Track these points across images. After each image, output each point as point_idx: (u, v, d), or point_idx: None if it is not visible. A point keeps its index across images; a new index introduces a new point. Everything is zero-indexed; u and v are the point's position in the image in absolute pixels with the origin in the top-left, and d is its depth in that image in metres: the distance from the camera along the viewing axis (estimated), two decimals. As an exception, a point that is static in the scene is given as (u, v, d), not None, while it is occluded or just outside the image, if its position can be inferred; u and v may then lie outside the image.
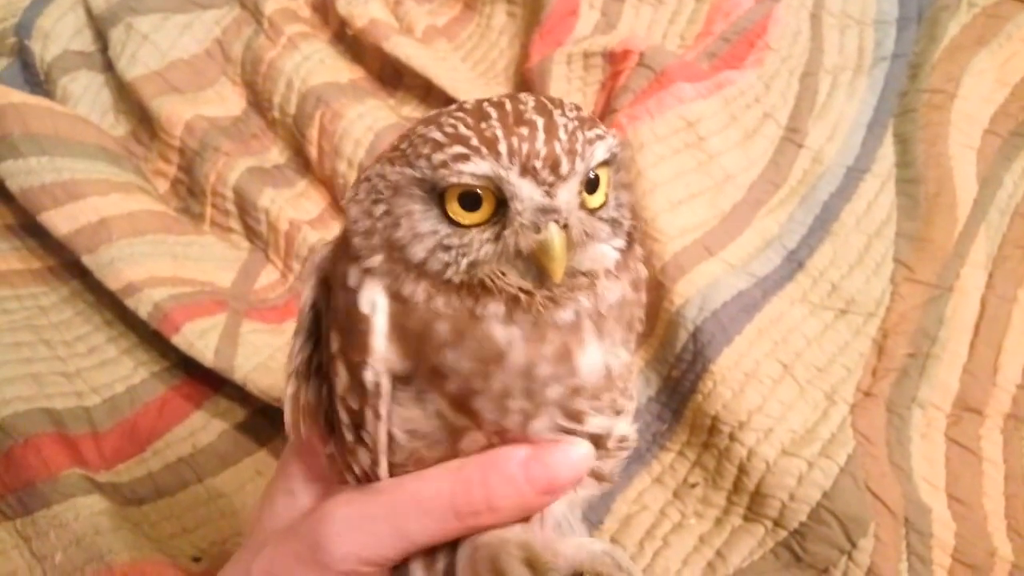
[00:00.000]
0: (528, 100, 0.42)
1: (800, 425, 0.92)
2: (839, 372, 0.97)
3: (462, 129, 0.41)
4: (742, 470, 0.91)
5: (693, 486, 0.95)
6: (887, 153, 1.14)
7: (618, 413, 0.47)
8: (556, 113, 0.41)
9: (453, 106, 0.44)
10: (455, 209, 0.41)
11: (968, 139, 1.12)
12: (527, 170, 0.40)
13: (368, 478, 0.46)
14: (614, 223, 0.45)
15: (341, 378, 0.45)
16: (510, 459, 0.44)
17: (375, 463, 0.45)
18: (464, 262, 0.41)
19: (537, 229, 0.40)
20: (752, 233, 1.06)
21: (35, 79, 1.29)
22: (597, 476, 0.50)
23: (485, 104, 0.42)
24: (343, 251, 0.46)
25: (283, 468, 0.53)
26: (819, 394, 0.95)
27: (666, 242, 1.01)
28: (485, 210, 0.41)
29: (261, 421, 1.00)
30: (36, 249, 1.13)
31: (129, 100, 1.24)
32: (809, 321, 1.00)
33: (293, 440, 0.50)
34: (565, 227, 0.40)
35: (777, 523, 0.88)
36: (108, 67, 1.27)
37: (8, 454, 0.93)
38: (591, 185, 0.43)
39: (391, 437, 0.45)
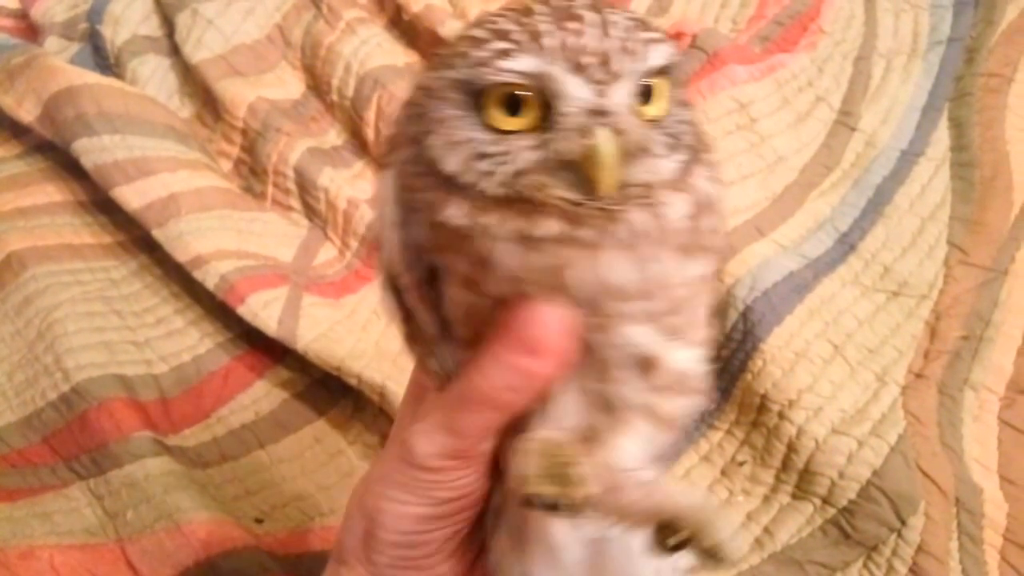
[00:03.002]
0: None
1: (850, 405, 0.92)
2: (890, 353, 0.97)
3: (505, 24, 0.37)
4: (791, 448, 0.92)
5: (741, 464, 0.96)
6: (942, 137, 1.14)
7: (674, 337, 0.42)
8: (610, 10, 0.37)
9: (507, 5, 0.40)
10: (495, 114, 0.37)
11: (1026, 123, 1.11)
12: (576, 66, 0.36)
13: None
14: (673, 138, 0.40)
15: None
16: (502, 344, 0.42)
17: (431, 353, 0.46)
18: (503, 172, 0.37)
19: (585, 134, 0.36)
20: (804, 215, 1.07)
21: (105, 63, 1.34)
22: (657, 419, 0.45)
23: (532, 1, 0.38)
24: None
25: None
26: (870, 375, 0.96)
27: (717, 222, 1.02)
28: (529, 114, 0.37)
29: (320, 391, 1.04)
30: (107, 225, 1.18)
31: (194, 83, 1.29)
32: (861, 303, 1.01)
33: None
34: (617, 133, 0.36)
35: (826, 501, 0.89)
36: (174, 51, 1.32)
37: (83, 416, 0.97)
38: (646, 94, 0.38)
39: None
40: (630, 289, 0.39)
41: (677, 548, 0.40)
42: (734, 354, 0.99)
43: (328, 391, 1.03)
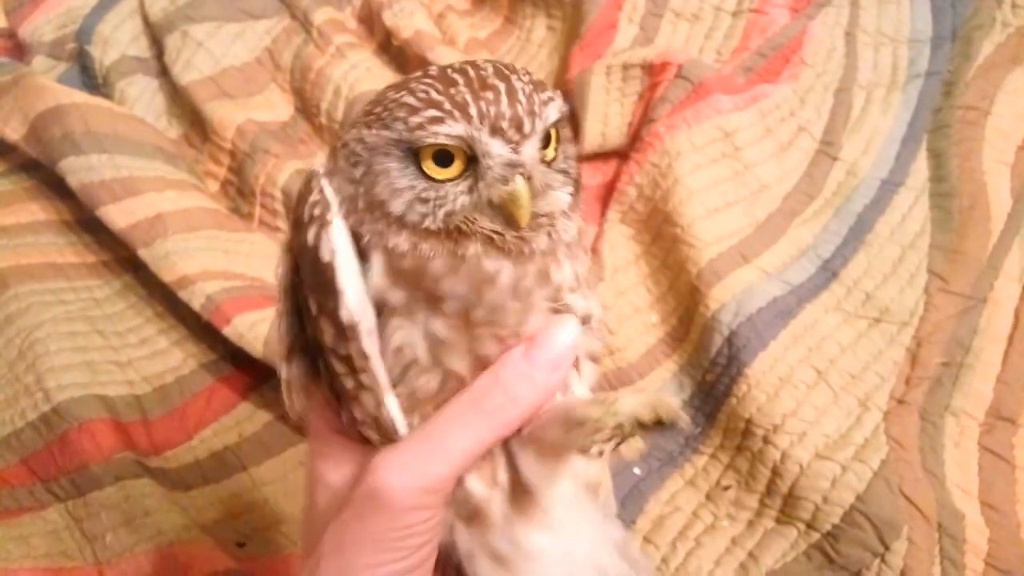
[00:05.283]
0: (486, 66, 0.46)
1: (834, 430, 0.93)
2: (872, 379, 0.98)
3: (434, 94, 0.45)
4: (775, 473, 0.92)
5: (726, 489, 0.97)
6: (921, 167, 1.16)
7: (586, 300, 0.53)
8: (513, 78, 0.46)
9: (419, 73, 0.48)
10: (429, 166, 0.46)
11: (1002, 155, 1.13)
12: (496, 130, 0.44)
13: (380, 426, 0.49)
14: (564, 173, 0.50)
15: (327, 333, 0.47)
16: (512, 355, 0.49)
17: (379, 402, 0.48)
18: (441, 212, 0.46)
19: (505, 181, 0.45)
20: (786, 242, 1.08)
21: (93, 82, 1.34)
22: (591, 357, 0.55)
23: (449, 71, 0.46)
24: (300, 221, 0.48)
25: (310, 477, 0.54)
26: (852, 400, 0.96)
27: (702, 248, 1.04)
28: (457, 166, 0.46)
29: (305, 413, 1.03)
30: (91, 244, 1.17)
31: (182, 104, 1.29)
32: (843, 329, 1.02)
33: (309, 432, 0.54)
34: (529, 179, 0.45)
35: (810, 525, 0.89)
36: (163, 72, 1.32)
37: (63, 437, 0.96)
38: (545, 141, 0.47)
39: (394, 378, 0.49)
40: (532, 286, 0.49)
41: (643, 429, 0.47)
42: (719, 379, 1.00)
43: (313, 413, 1.03)
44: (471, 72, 0.46)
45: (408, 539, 0.47)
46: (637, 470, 1.01)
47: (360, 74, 1.26)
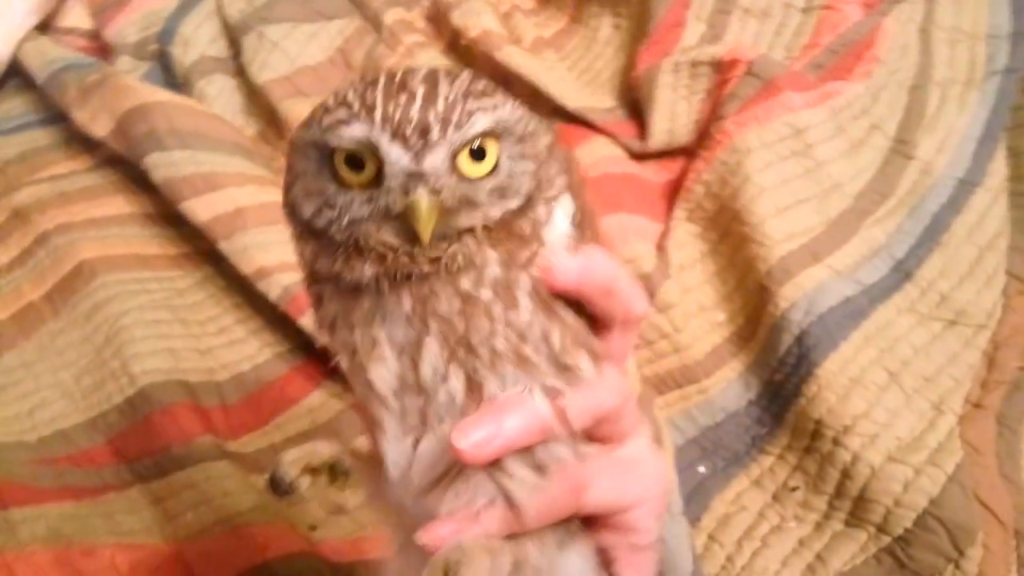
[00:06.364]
0: (421, 71, 0.44)
1: (907, 433, 0.92)
2: (947, 383, 0.96)
3: (350, 95, 0.43)
4: (845, 475, 0.91)
5: (793, 490, 0.96)
6: (999, 166, 1.13)
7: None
8: (444, 84, 0.43)
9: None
10: (343, 170, 0.44)
11: (1085, 154, 1.10)
12: (397, 135, 0.41)
13: None
14: (500, 191, 0.45)
15: None
16: None
17: None
18: (344, 219, 0.44)
19: (407, 192, 0.42)
20: (859, 241, 1.07)
21: (173, 81, 1.39)
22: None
23: (386, 73, 0.44)
24: None
25: None
26: (926, 403, 0.95)
27: (772, 246, 1.03)
28: (369, 172, 0.43)
29: (375, 403, 1.05)
30: (173, 237, 1.22)
31: (258, 103, 1.33)
32: (917, 331, 1.00)
33: None
34: (434, 192, 0.42)
35: (881, 529, 0.88)
36: (240, 72, 1.37)
37: (147, 419, 1.00)
38: (477, 154, 0.44)
39: None
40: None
41: None
42: (788, 378, 0.99)
43: (382, 403, 1.05)
44: (402, 76, 0.43)
45: None
46: (702, 468, 1.00)
47: (429, 73, 1.29)
